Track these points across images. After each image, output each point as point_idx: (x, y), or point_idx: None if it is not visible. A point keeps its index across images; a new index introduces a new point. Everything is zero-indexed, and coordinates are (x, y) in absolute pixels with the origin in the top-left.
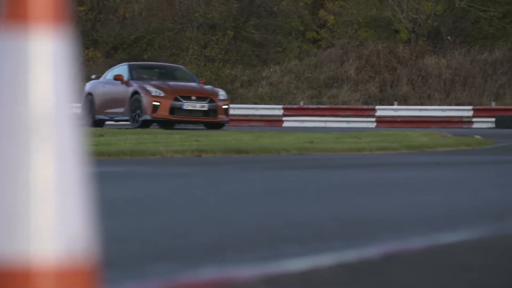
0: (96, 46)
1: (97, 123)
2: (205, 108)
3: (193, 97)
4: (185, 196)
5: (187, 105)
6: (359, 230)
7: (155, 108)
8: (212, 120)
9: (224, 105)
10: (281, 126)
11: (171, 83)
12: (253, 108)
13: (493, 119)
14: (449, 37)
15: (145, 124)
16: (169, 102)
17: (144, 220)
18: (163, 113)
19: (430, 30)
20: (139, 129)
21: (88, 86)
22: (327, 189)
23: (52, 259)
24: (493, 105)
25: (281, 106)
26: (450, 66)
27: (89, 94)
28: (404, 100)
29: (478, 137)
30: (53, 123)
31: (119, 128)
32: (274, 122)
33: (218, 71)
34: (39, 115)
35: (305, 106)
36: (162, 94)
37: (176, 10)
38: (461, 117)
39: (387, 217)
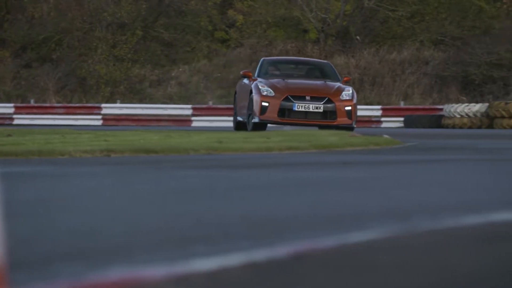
0: (4, 45)
1: (239, 125)
2: (320, 110)
3: (308, 97)
4: (94, 196)
5: (299, 106)
6: (268, 229)
7: (263, 109)
8: (329, 123)
9: (347, 106)
10: (190, 126)
11: (291, 80)
12: (161, 108)
13: (402, 119)
14: (358, 37)
15: (257, 127)
16: (278, 103)
17: (52, 220)
18: (272, 115)
19: (339, 29)
20: (50, 129)
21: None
22: (236, 188)
23: None
24: (402, 104)
25: (190, 106)
26: (359, 66)
27: (235, 92)
28: None
29: (386, 136)
30: None
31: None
32: (183, 122)
33: (127, 71)
34: None
35: (214, 106)
36: (272, 94)
37: (84, 9)
38: (370, 116)
39: (296, 217)
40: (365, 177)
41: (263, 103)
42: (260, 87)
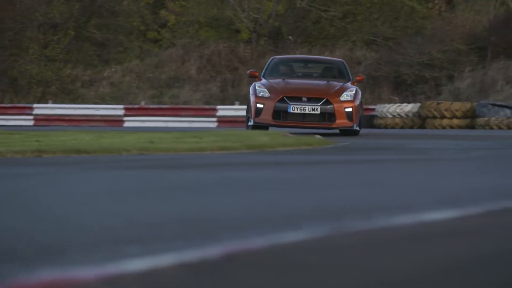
0: None
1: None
2: (317, 112)
3: (304, 98)
4: (25, 197)
5: (294, 108)
6: (200, 230)
7: (258, 111)
8: (327, 126)
9: (348, 107)
10: (122, 126)
11: (291, 80)
12: (94, 108)
13: None
14: (290, 37)
15: (255, 130)
16: (272, 105)
17: None
18: (266, 117)
19: (271, 30)
20: None
21: None
22: (168, 189)
23: None
24: None
25: (122, 106)
26: None
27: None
28: (245, 100)
29: (318, 136)
30: None
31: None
32: (115, 122)
33: (59, 71)
34: None
35: (146, 106)
36: (267, 95)
37: (16, 9)
38: None
39: (228, 217)
40: (297, 177)
41: (258, 105)
42: (257, 88)
